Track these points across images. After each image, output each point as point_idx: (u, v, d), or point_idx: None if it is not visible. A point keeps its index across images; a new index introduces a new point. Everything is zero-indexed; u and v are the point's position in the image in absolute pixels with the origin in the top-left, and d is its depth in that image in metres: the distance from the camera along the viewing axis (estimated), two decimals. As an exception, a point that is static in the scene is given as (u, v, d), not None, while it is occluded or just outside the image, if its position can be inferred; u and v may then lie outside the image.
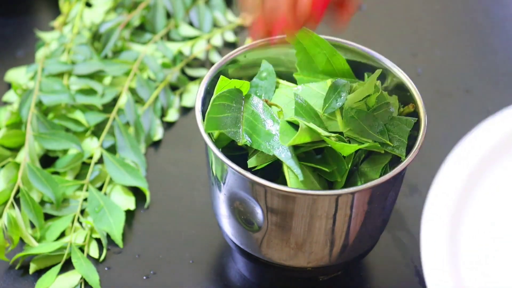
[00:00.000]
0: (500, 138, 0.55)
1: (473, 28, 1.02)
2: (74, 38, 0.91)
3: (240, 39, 0.97)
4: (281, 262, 0.66)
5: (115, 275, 0.73)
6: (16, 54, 0.94)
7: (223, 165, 0.62)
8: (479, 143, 0.55)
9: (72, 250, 0.73)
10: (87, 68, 0.86)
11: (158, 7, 0.95)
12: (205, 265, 0.74)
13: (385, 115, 0.64)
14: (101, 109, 0.84)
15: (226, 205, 0.65)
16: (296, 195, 0.59)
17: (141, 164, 0.80)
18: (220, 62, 0.68)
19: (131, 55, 0.89)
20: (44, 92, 0.83)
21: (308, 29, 0.67)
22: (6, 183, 0.77)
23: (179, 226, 0.77)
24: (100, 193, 0.77)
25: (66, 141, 0.79)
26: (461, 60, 0.97)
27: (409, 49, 0.98)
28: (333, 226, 0.62)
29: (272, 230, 0.63)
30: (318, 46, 0.67)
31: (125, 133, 0.82)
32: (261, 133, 0.62)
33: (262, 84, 0.68)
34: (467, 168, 0.53)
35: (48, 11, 1.00)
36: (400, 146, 0.63)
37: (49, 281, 0.71)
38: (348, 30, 1.00)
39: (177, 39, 0.95)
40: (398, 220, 0.77)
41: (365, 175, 0.63)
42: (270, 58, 0.69)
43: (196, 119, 0.63)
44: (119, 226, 0.75)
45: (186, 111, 0.88)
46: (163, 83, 0.88)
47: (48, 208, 0.76)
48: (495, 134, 0.55)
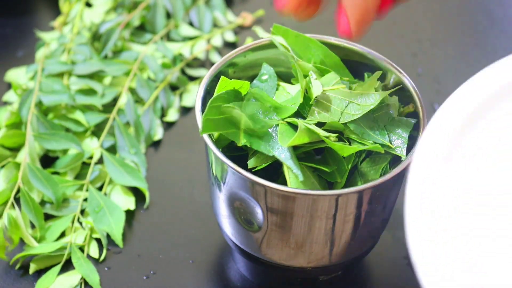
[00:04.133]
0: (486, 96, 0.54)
1: (473, 28, 1.02)
2: (74, 38, 0.91)
3: (240, 39, 0.97)
4: (281, 262, 0.66)
5: (115, 275, 0.73)
6: (16, 54, 0.94)
7: (223, 165, 0.62)
8: (466, 100, 0.54)
9: (72, 250, 0.73)
10: (87, 68, 0.86)
11: (158, 7, 0.95)
12: (205, 265, 0.74)
13: (385, 116, 0.64)
14: (101, 109, 0.84)
15: (226, 205, 0.65)
16: (296, 195, 0.59)
17: (141, 164, 0.80)
18: (220, 62, 0.68)
19: (131, 55, 0.90)
20: (44, 92, 0.83)
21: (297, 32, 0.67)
22: (6, 183, 0.77)
23: (179, 226, 0.77)
24: (100, 193, 0.77)
25: (66, 141, 0.79)
26: (461, 60, 0.97)
27: (409, 49, 0.98)
28: (333, 226, 0.62)
29: (272, 230, 0.63)
30: (310, 48, 0.67)
31: (125, 133, 0.82)
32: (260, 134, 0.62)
33: (262, 86, 0.68)
34: (455, 122, 0.53)
35: (48, 11, 1.00)
36: (400, 146, 0.63)
37: (49, 281, 0.71)
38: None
39: (177, 39, 0.95)
40: (398, 220, 0.77)
41: (365, 175, 0.63)
42: (270, 58, 0.69)
43: (196, 119, 0.63)
44: (119, 226, 0.75)
45: (186, 111, 0.88)
46: (163, 83, 0.88)
47: (48, 208, 0.76)
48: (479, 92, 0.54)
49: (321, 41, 0.68)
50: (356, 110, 0.63)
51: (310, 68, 0.65)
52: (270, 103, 0.64)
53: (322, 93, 0.62)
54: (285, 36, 0.67)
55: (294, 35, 0.67)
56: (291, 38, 0.67)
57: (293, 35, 0.67)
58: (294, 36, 0.67)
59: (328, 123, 0.62)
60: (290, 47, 0.66)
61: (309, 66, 0.65)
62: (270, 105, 0.63)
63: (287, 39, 0.67)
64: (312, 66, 0.65)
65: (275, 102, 0.64)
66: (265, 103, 0.63)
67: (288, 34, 0.67)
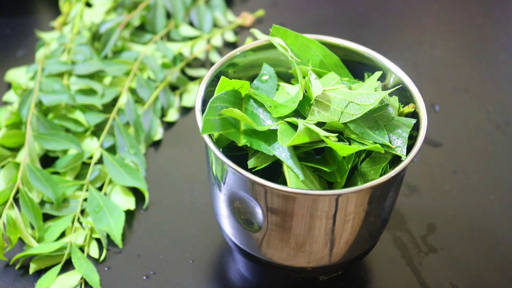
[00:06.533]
0: None
1: (473, 28, 1.02)
2: (74, 38, 0.91)
3: (240, 39, 0.97)
4: (281, 262, 0.66)
5: (115, 275, 0.73)
6: (16, 54, 0.94)
7: (223, 165, 0.62)
8: None
9: (72, 250, 0.73)
10: (87, 68, 0.86)
11: (158, 7, 0.95)
12: (205, 265, 0.74)
13: (385, 116, 0.64)
14: (101, 109, 0.84)
15: (226, 205, 0.65)
16: (296, 195, 0.59)
17: (141, 164, 0.80)
18: (220, 62, 0.68)
19: (131, 55, 0.90)
20: (44, 92, 0.83)
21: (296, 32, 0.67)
22: (6, 183, 0.77)
23: (179, 226, 0.77)
24: (100, 193, 0.77)
25: (66, 141, 0.79)
26: (461, 60, 0.97)
27: (409, 49, 0.98)
28: (333, 226, 0.62)
29: (272, 230, 0.63)
30: (310, 48, 0.67)
31: (125, 133, 0.82)
32: (260, 134, 0.62)
33: (262, 87, 0.68)
34: None
35: (48, 11, 1.00)
36: (400, 146, 0.63)
37: (49, 281, 0.71)
38: (348, 30, 1.01)
39: (177, 39, 0.95)
40: (398, 220, 0.77)
41: (365, 175, 0.63)
42: (270, 58, 0.69)
43: (196, 119, 0.63)
44: (119, 226, 0.75)
45: (186, 111, 0.88)
46: (163, 83, 0.88)
47: (48, 208, 0.76)
48: None
49: (320, 41, 0.68)
50: (356, 110, 0.63)
51: (308, 70, 0.65)
52: (270, 103, 0.64)
53: (322, 93, 0.62)
54: (284, 36, 0.67)
55: (294, 35, 0.67)
56: (290, 39, 0.67)
57: (292, 36, 0.67)
58: (294, 36, 0.67)
59: (328, 123, 0.62)
60: (290, 47, 0.66)
61: (307, 70, 0.65)
62: (270, 105, 0.63)
63: (287, 39, 0.67)
64: (311, 71, 0.65)
65: (275, 102, 0.64)
66: (265, 103, 0.63)
67: (287, 35, 0.67)
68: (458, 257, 0.75)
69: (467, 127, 0.88)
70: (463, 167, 0.83)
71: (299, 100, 0.62)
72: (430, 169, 0.83)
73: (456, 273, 0.74)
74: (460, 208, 0.79)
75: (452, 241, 0.76)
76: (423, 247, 0.75)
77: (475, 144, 0.86)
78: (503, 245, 0.76)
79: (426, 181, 0.82)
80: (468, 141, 0.86)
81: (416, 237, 0.76)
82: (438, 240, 0.76)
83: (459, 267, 0.74)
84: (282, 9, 1.03)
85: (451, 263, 0.74)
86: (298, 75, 0.63)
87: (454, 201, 0.80)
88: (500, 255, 0.75)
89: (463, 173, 0.83)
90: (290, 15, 1.02)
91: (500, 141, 0.86)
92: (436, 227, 0.77)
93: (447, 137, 0.86)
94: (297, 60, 0.65)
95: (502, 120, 0.89)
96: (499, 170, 0.83)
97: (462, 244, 0.76)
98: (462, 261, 0.75)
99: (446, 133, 0.87)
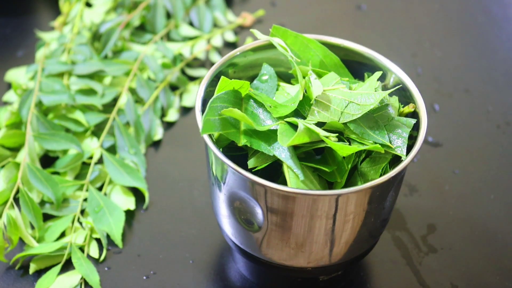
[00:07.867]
0: None
1: (473, 28, 1.02)
2: (74, 38, 0.91)
3: (240, 39, 0.97)
4: (281, 262, 0.66)
5: (115, 275, 0.73)
6: (16, 54, 0.94)
7: (223, 165, 0.62)
8: None
9: (72, 250, 0.73)
10: (87, 68, 0.86)
11: (158, 7, 0.95)
12: (205, 265, 0.74)
13: (385, 116, 0.64)
14: (101, 109, 0.84)
15: (226, 205, 0.65)
16: (296, 195, 0.59)
17: (141, 164, 0.80)
18: (220, 62, 0.68)
19: (131, 55, 0.90)
20: (44, 92, 0.83)
21: (296, 32, 0.67)
22: (6, 183, 0.77)
23: (179, 226, 0.77)
24: (100, 193, 0.77)
25: (66, 141, 0.79)
26: (461, 60, 0.97)
27: (409, 49, 0.98)
28: (333, 226, 0.62)
29: (272, 230, 0.63)
30: (310, 48, 0.67)
31: (125, 133, 0.82)
32: (260, 134, 0.62)
33: (262, 87, 0.68)
34: None
35: (48, 11, 1.00)
36: (400, 146, 0.63)
37: (49, 281, 0.71)
38: (348, 30, 1.01)
39: (177, 39, 0.95)
40: (398, 220, 0.77)
41: (365, 175, 0.63)
42: (270, 58, 0.69)
43: (196, 119, 0.63)
44: (119, 226, 0.75)
45: (186, 111, 0.88)
46: (163, 83, 0.88)
47: (48, 208, 0.76)
48: None
49: (320, 41, 0.68)
50: (356, 110, 0.62)
51: (308, 71, 0.65)
52: (270, 103, 0.64)
53: (322, 93, 0.62)
54: (284, 36, 0.67)
55: (294, 35, 0.67)
56: (290, 39, 0.67)
57: (292, 36, 0.67)
58: (293, 36, 0.67)
59: (328, 123, 0.62)
60: (290, 47, 0.66)
61: (307, 70, 0.65)
62: (270, 105, 0.63)
63: (287, 39, 0.67)
64: (311, 71, 0.65)
65: (275, 102, 0.64)
66: (265, 103, 0.63)
67: (287, 35, 0.67)
68: (458, 257, 0.75)
69: (467, 127, 0.88)
70: (463, 167, 0.83)
71: (299, 100, 0.62)
72: (430, 169, 0.83)
73: (456, 273, 0.74)
74: (460, 208, 0.79)
75: (452, 241, 0.76)
76: (423, 247, 0.75)
77: (475, 144, 0.86)
78: (503, 245, 0.76)
79: (426, 181, 0.82)
80: (468, 141, 0.86)
81: (416, 237, 0.76)
82: (438, 240, 0.76)
83: (459, 267, 0.74)
84: (282, 9, 1.03)
85: (451, 263, 0.74)
86: (298, 75, 0.63)
87: (454, 201, 0.80)
88: (500, 255, 0.75)
89: (463, 173, 0.83)
90: (290, 15, 1.02)
91: (500, 141, 0.86)
92: (436, 227, 0.77)
93: (447, 137, 0.86)
94: (297, 60, 0.65)
95: (502, 120, 0.89)
96: (499, 170, 0.83)
97: (462, 244, 0.76)
98: (462, 261, 0.75)
99: (446, 133, 0.87)
